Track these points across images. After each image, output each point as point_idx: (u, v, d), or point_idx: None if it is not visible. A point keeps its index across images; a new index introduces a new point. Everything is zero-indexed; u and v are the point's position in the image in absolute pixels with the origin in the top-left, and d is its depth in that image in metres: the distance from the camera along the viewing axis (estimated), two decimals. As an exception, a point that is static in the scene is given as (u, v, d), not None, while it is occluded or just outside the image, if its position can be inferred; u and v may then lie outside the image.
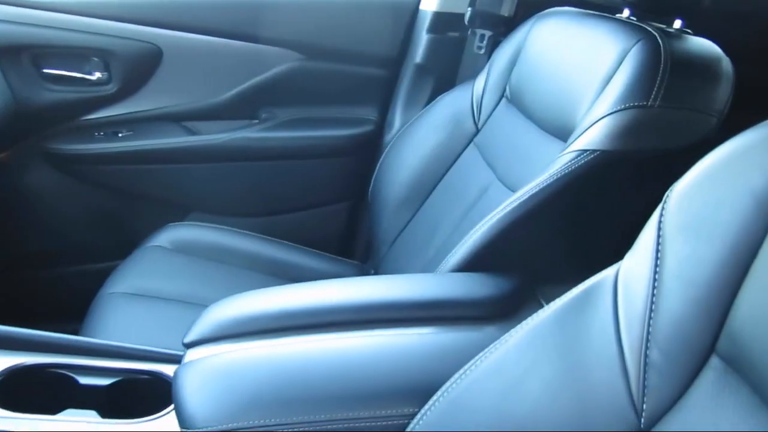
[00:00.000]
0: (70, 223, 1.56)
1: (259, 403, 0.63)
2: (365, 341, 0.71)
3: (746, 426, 0.43)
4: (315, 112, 1.62)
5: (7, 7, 1.39)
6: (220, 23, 1.50)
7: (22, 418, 0.73)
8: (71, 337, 0.87)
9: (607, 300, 0.53)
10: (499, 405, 0.55)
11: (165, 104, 1.54)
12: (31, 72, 1.44)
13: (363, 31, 1.56)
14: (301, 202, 1.63)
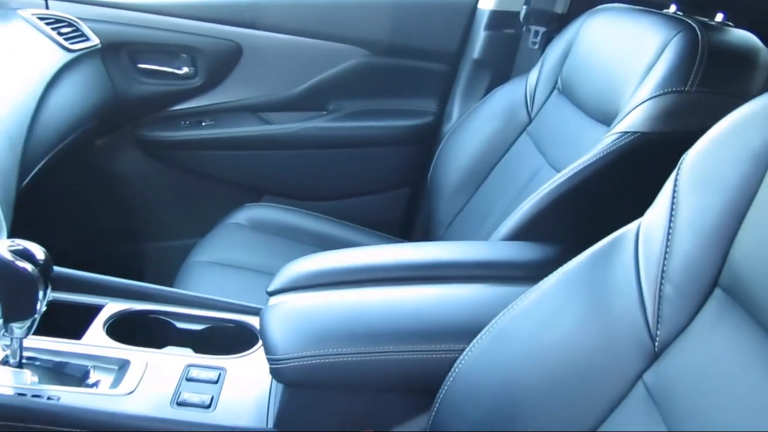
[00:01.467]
0: (157, 202, 1.72)
1: (330, 337, 0.74)
2: (422, 292, 0.81)
3: (740, 345, 0.51)
4: (379, 104, 1.73)
5: (109, 10, 1.57)
6: (294, 23, 1.62)
7: (135, 349, 0.87)
8: (170, 289, 1.01)
9: (630, 247, 0.62)
10: (535, 335, 0.65)
11: (243, 96, 1.69)
12: (128, 67, 1.61)
13: (425, 29, 1.66)
14: (364, 187, 1.74)
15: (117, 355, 0.86)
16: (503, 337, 0.67)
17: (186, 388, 0.81)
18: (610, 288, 0.61)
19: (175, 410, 0.78)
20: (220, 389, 0.82)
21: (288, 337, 0.75)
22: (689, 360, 0.54)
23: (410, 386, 0.75)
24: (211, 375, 0.84)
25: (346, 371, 0.73)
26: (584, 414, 0.59)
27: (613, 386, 0.58)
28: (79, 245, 1.07)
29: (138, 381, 0.81)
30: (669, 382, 0.55)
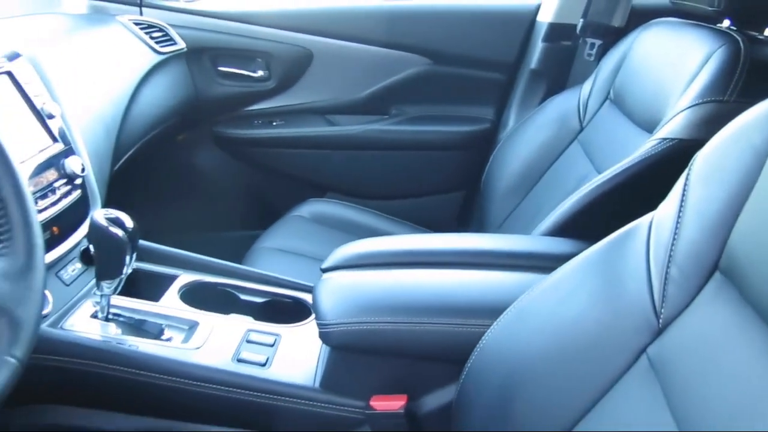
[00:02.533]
0: (230, 195, 1.86)
1: (372, 307, 0.83)
2: (457, 275, 0.89)
3: (732, 323, 0.57)
4: (438, 110, 1.81)
5: (195, 17, 1.72)
6: (361, 31, 1.73)
7: (203, 313, 0.98)
8: (237, 265, 1.12)
9: (643, 235, 0.68)
10: (553, 311, 0.72)
11: (312, 99, 1.81)
12: (209, 69, 1.76)
13: (485, 40, 1.73)
14: (421, 188, 1.83)
15: (188, 317, 0.98)
16: (525, 312, 0.75)
17: (246, 348, 0.92)
18: (623, 270, 0.68)
19: (236, 365, 0.88)
20: (275, 351, 0.92)
21: (336, 306, 0.84)
22: (687, 336, 0.60)
23: (441, 355, 0.83)
24: (268, 339, 0.95)
25: (385, 338, 0.82)
26: (592, 382, 0.65)
27: (620, 358, 0.64)
28: (158, 228, 1.19)
29: (205, 339, 0.93)
30: (669, 354, 0.61)
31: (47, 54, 1.16)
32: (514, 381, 0.71)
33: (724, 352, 0.56)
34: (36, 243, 0.66)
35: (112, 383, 0.86)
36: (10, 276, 0.62)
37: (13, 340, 0.59)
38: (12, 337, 0.59)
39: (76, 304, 0.96)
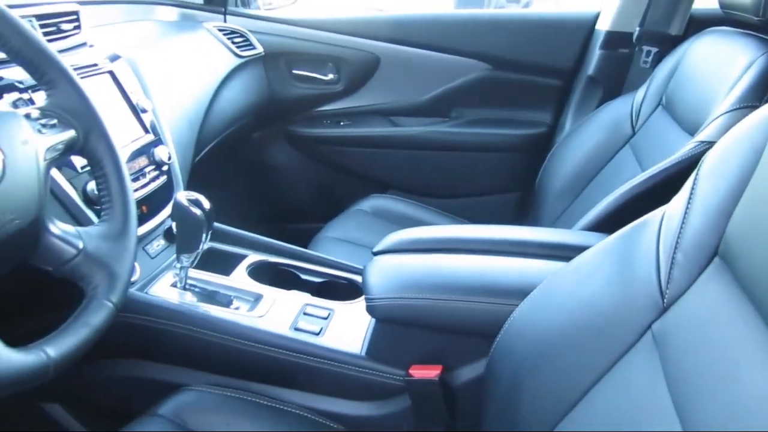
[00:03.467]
0: (298, 189, 2.00)
1: (414, 285, 0.93)
2: (493, 260, 0.97)
3: (725, 303, 0.63)
4: (497, 113, 1.89)
5: (273, 24, 1.87)
6: (425, 38, 1.83)
7: (267, 288, 1.11)
8: (299, 248, 1.24)
9: (656, 225, 0.75)
10: (573, 291, 0.79)
11: (377, 102, 1.92)
12: (284, 72, 1.90)
13: (544, 47, 1.80)
14: (478, 187, 1.91)
15: (254, 290, 1.10)
16: (548, 293, 0.82)
17: (302, 319, 1.03)
18: (635, 256, 0.75)
19: (293, 333, 1.00)
20: (328, 323, 1.03)
21: (382, 283, 0.94)
22: (685, 313, 0.67)
23: (474, 330, 0.91)
24: (322, 313, 1.06)
25: (424, 312, 0.91)
26: (604, 354, 0.72)
27: (629, 333, 0.71)
28: (231, 217, 1.33)
29: (267, 309, 1.05)
30: (669, 330, 0.67)
31: (143, 56, 1.32)
32: (536, 352, 0.79)
33: (715, 328, 0.63)
34: (130, 213, 0.79)
35: (186, 341, 0.99)
36: (109, 238, 0.76)
37: (111, 289, 0.72)
38: (110, 287, 0.72)
39: (159, 274, 1.10)
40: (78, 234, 0.74)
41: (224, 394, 0.96)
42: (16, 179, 0.65)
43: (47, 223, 0.70)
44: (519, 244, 1.00)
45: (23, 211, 0.65)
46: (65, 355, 0.63)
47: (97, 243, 0.74)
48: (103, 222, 0.78)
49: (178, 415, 0.90)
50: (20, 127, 0.69)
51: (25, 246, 0.68)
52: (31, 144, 0.69)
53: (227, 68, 1.66)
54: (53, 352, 0.62)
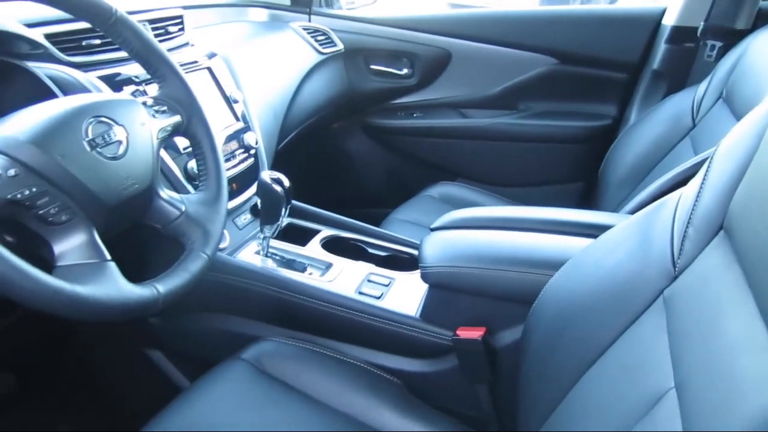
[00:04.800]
0: (372, 176, 2.14)
1: (463, 255, 1.04)
2: (536, 237, 1.07)
3: (723, 271, 0.71)
4: (563, 106, 1.96)
5: (353, 23, 2.02)
6: (494, 34, 1.93)
7: (337, 258, 1.25)
8: (368, 225, 1.38)
9: (674, 203, 0.83)
10: (598, 262, 0.89)
11: (448, 95, 2.04)
12: (362, 68, 2.05)
13: (610, 42, 1.85)
14: (543, 177, 1.99)
15: (325, 260, 1.25)
16: (578, 264, 0.92)
17: (366, 285, 1.17)
18: (653, 231, 0.84)
19: (357, 296, 1.14)
20: (388, 289, 1.17)
21: (434, 253, 1.07)
22: (690, 280, 0.75)
23: (513, 297, 1.01)
24: (384, 281, 1.20)
25: (470, 280, 1.03)
26: (621, 317, 0.82)
27: (643, 298, 0.81)
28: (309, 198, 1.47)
29: (336, 276, 1.19)
30: (676, 294, 0.76)
31: (236, 54, 1.50)
32: (564, 316, 0.90)
33: (710, 289, 0.71)
34: (222, 184, 0.96)
35: (266, 299, 1.16)
36: (205, 203, 0.93)
37: (205, 244, 0.89)
38: (204, 242, 0.89)
39: (245, 243, 1.27)
40: (181, 200, 0.91)
41: (297, 345, 1.11)
42: (136, 153, 0.82)
43: (158, 189, 0.88)
44: (556, 223, 1.09)
45: (141, 177, 0.82)
46: (170, 292, 0.80)
47: (196, 207, 0.92)
48: (200, 191, 0.95)
49: (258, 360, 1.06)
50: (139, 112, 0.86)
51: (141, 206, 0.86)
52: (147, 126, 0.86)
53: (310, 64, 1.82)
54: (162, 288, 0.79)
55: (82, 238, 0.74)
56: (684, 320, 0.72)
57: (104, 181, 0.77)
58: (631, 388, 0.74)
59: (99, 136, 0.79)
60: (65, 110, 0.78)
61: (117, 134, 0.81)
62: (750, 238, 0.68)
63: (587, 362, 0.84)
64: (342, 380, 1.07)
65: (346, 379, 1.07)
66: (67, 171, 0.73)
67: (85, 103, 0.81)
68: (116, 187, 0.79)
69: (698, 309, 0.71)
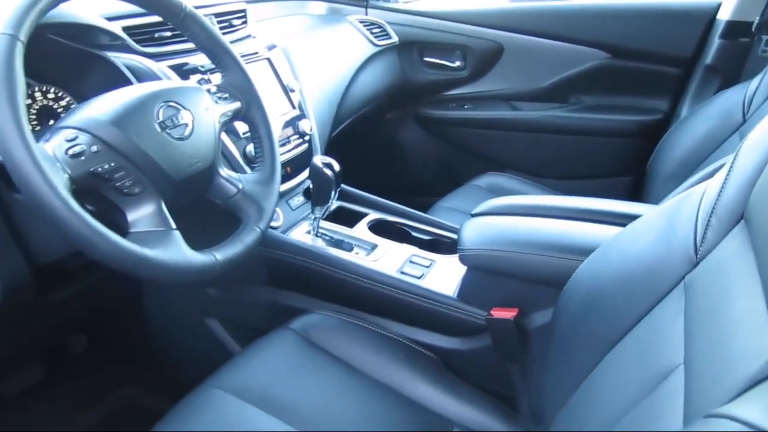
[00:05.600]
0: (422, 165, 2.21)
1: (499, 240, 1.10)
2: (570, 224, 1.11)
3: (738, 258, 0.75)
4: (614, 100, 1.97)
5: (408, 16, 2.09)
6: (547, 28, 1.96)
7: (383, 240, 1.33)
8: (412, 210, 1.45)
9: (699, 195, 0.87)
10: (625, 249, 0.93)
11: (500, 87, 2.08)
12: (416, 59, 2.11)
13: (663, 36, 1.85)
14: (592, 170, 2.01)
15: (371, 241, 1.33)
16: (607, 249, 0.97)
17: (408, 266, 1.24)
18: (678, 221, 0.88)
19: (399, 275, 1.21)
20: (429, 270, 1.24)
21: (472, 237, 1.13)
22: (708, 267, 0.79)
23: (546, 280, 1.06)
24: (425, 262, 1.26)
25: (506, 263, 1.09)
26: (644, 301, 0.86)
27: (666, 283, 0.85)
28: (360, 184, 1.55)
29: (380, 256, 1.27)
30: (696, 279, 0.80)
31: (294, 45, 1.59)
32: (592, 298, 0.95)
33: (725, 274, 0.74)
34: (276, 166, 1.05)
35: (314, 275, 1.24)
36: (260, 183, 1.02)
37: (259, 219, 0.98)
38: (258, 217, 0.98)
39: (297, 223, 1.36)
40: (238, 178, 1.00)
41: (341, 318, 1.19)
42: (200, 135, 0.92)
43: (218, 168, 0.97)
44: (588, 212, 1.13)
45: (204, 157, 0.92)
46: (226, 260, 0.89)
47: (252, 186, 1.01)
48: (256, 171, 1.04)
49: (305, 331, 1.15)
50: (204, 98, 0.96)
51: (203, 183, 0.95)
52: (211, 111, 0.95)
53: (365, 55, 1.90)
54: (219, 256, 0.88)
55: (152, 208, 0.84)
56: (699, 303, 0.76)
57: (172, 159, 0.87)
58: (645, 366, 0.79)
59: (168, 119, 0.88)
60: (140, 96, 0.88)
61: (184, 118, 0.91)
62: (764, 225, 0.72)
63: (610, 343, 0.89)
64: (382, 353, 1.14)
65: (385, 351, 1.15)
66: (141, 149, 0.83)
67: (157, 89, 0.91)
68: (182, 164, 0.89)
69: (713, 292, 0.75)
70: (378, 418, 1.03)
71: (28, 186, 0.71)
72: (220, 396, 1.00)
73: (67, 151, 0.78)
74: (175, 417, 0.97)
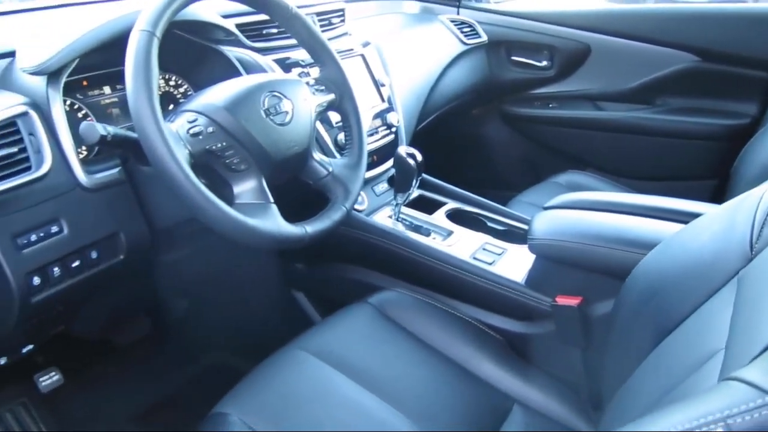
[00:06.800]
0: (504, 160, 2.27)
1: (566, 231, 1.16)
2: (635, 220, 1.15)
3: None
4: (700, 103, 1.96)
5: (497, 16, 2.15)
6: (635, 30, 1.97)
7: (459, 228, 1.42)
8: (489, 201, 1.53)
9: (758, 196, 0.91)
10: (685, 244, 0.98)
11: (585, 87, 2.11)
12: (503, 58, 2.18)
13: (755, 40, 1.82)
14: (674, 172, 2.00)
15: (448, 228, 1.42)
16: (668, 245, 1.02)
17: (481, 252, 1.33)
18: (737, 219, 0.92)
19: (471, 260, 1.30)
20: (500, 258, 1.32)
21: (542, 227, 1.20)
22: (762, 262, 0.84)
23: (610, 271, 1.12)
24: (498, 250, 1.34)
25: (573, 253, 1.15)
26: (699, 293, 0.91)
27: (721, 277, 0.89)
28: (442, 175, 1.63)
29: (455, 242, 1.36)
30: (748, 273, 0.85)
31: (387, 43, 1.70)
32: (651, 290, 1.00)
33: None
34: (363, 153, 1.16)
35: (393, 256, 1.35)
36: (348, 167, 1.13)
37: (346, 199, 1.10)
38: (345, 197, 1.10)
39: (380, 208, 1.47)
40: (329, 162, 1.12)
41: (415, 297, 1.29)
42: (298, 122, 1.04)
43: (312, 152, 1.10)
44: (654, 209, 1.17)
45: (301, 141, 1.04)
46: (315, 232, 1.01)
47: (340, 169, 1.13)
48: (345, 156, 1.16)
49: (381, 305, 1.26)
50: (303, 89, 1.08)
51: (299, 164, 1.08)
52: (308, 101, 1.08)
53: (454, 53, 1.99)
54: (309, 229, 1.01)
55: (254, 183, 0.97)
56: (747, 294, 0.81)
57: (273, 142, 1.00)
58: (691, 352, 0.84)
59: (272, 107, 1.01)
60: (249, 86, 1.01)
61: (285, 106, 1.04)
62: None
63: (665, 332, 0.94)
64: (451, 331, 1.24)
65: (455, 330, 1.24)
66: (248, 131, 0.96)
67: (264, 80, 1.04)
68: (282, 147, 1.01)
69: (761, 285, 0.80)
70: (443, 389, 1.12)
71: (157, 158, 0.86)
72: (302, 356, 1.12)
73: (188, 130, 0.93)
74: (262, 372, 1.10)
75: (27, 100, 0.97)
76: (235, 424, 0.97)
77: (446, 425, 1.05)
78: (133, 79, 0.86)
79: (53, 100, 0.98)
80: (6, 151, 0.91)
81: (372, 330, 1.21)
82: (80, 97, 1.13)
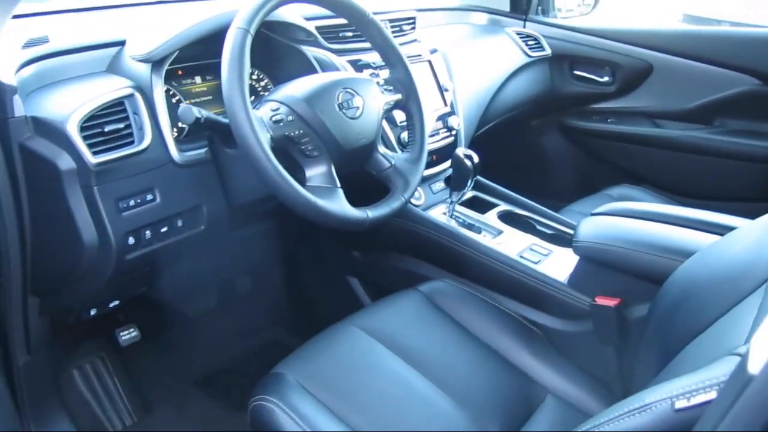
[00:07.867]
0: (560, 170, 2.33)
1: (607, 235, 1.22)
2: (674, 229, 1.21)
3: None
4: (759, 126, 1.97)
5: (562, 30, 2.22)
6: (698, 50, 2.00)
7: (509, 228, 1.50)
8: (540, 206, 1.61)
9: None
10: (720, 254, 1.04)
11: (645, 105, 2.15)
12: (565, 72, 2.24)
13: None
14: (727, 193, 2.01)
15: (498, 227, 1.51)
16: (705, 254, 1.08)
17: (528, 252, 1.41)
18: (770, 232, 0.98)
19: (518, 258, 1.38)
20: (546, 258, 1.40)
21: (587, 231, 1.27)
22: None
23: (648, 276, 1.18)
24: (544, 251, 1.42)
25: (614, 257, 1.21)
26: (729, 299, 0.98)
27: (751, 284, 0.95)
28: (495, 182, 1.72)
29: (504, 240, 1.45)
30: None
31: (453, 51, 1.80)
32: (685, 295, 1.06)
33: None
34: (424, 150, 1.26)
35: (444, 249, 1.44)
36: (409, 161, 1.24)
37: (405, 190, 1.20)
38: (404, 189, 1.20)
39: (435, 204, 1.57)
40: (392, 156, 1.23)
41: (463, 288, 1.38)
42: (367, 117, 1.15)
43: (377, 146, 1.21)
44: (693, 221, 1.22)
45: (368, 135, 1.16)
46: (375, 217, 1.12)
47: (402, 163, 1.23)
48: (407, 152, 1.27)
49: (430, 294, 1.35)
50: (374, 88, 1.19)
51: (364, 155, 1.19)
52: (377, 99, 1.19)
53: (517, 64, 2.07)
54: (371, 213, 1.12)
55: (324, 169, 1.08)
56: (771, 299, 0.87)
57: (344, 133, 1.11)
58: (714, 349, 0.91)
59: (345, 102, 1.13)
60: (326, 82, 1.13)
61: (356, 102, 1.15)
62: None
63: (694, 334, 1.01)
64: (494, 322, 1.32)
65: (497, 321, 1.32)
66: (323, 122, 1.08)
67: (339, 78, 1.16)
68: (351, 138, 1.13)
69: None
70: (482, 374, 1.21)
71: (244, 139, 0.98)
72: (355, 332, 1.22)
73: (271, 117, 1.05)
74: (317, 342, 1.21)
75: (133, 83, 1.12)
76: (291, 384, 1.08)
77: (482, 407, 1.13)
78: (229, 70, 0.99)
79: (155, 85, 1.13)
80: (115, 126, 1.05)
81: (420, 315, 1.30)
82: (175, 84, 1.28)
